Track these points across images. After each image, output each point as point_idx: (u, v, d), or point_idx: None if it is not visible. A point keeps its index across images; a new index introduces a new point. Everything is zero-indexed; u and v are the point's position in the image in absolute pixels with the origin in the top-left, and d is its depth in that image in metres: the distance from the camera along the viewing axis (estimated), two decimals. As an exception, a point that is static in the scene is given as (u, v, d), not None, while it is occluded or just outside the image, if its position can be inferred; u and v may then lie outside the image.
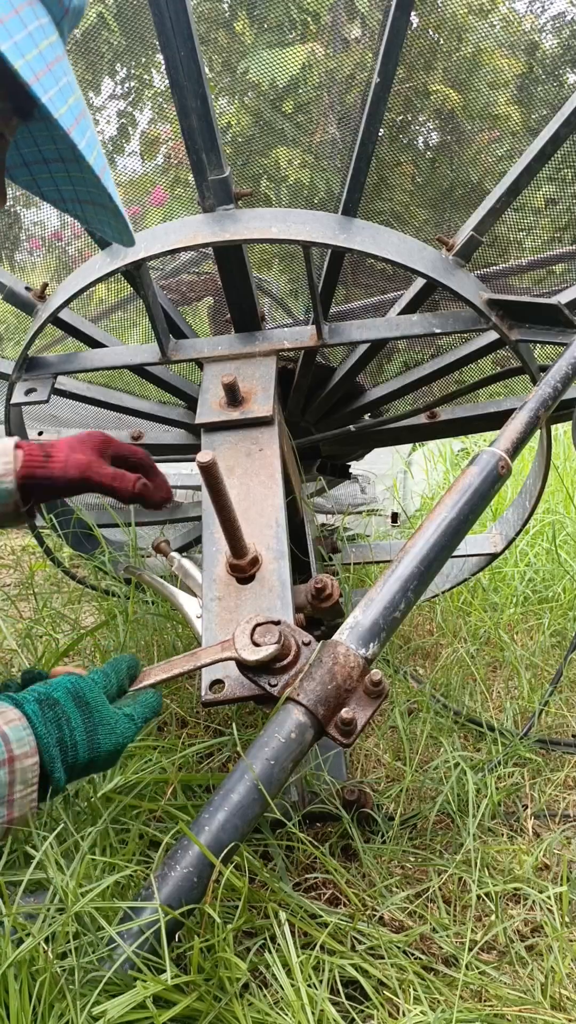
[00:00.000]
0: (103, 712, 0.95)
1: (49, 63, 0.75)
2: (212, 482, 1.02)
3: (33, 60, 0.72)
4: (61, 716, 0.91)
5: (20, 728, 0.88)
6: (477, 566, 2.05)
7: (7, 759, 0.86)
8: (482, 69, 1.58)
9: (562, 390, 1.23)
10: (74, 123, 0.77)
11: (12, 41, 0.69)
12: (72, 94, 0.78)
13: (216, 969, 0.86)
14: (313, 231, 1.36)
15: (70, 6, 0.80)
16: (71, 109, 0.77)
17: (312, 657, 1.00)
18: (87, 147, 0.80)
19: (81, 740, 0.92)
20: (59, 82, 0.75)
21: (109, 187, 0.85)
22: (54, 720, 0.91)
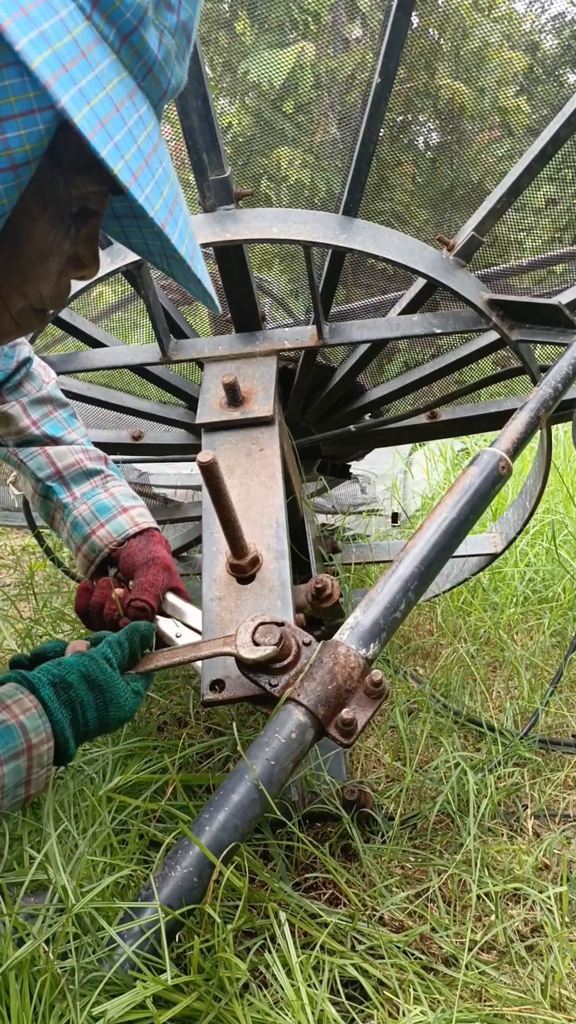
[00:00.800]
0: (113, 691, 1.02)
1: (147, 157, 0.73)
2: (212, 482, 1.02)
3: (132, 159, 0.70)
4: (75, 699, 0.99)
5: (36, 716, 0.95)
6: (477, 566, 2.05)
7: (26, 748, 0.93)
8: (483, 69, 1.58)
9: (563, 390, 1.23)
10: (168, 216, 0.77)
11: (112, 143, 0.68)
12: (167, 183, 0.77)
13: (216, 969, 0.86)
14: (314, 231, 1.36)
15: (168, 88, 0.78)
16: (165, 201, 0.76)
17: (312, 657, 1.00)
18: (179, 237, 0.80)
19: (92, 719, 1.00)
20: (155, 175, 0.75)
21: (198, 271, 0.86)
22: (68, 703, 0.98)
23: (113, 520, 1.28)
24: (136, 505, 1.31)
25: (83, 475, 1.31)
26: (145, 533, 1.28)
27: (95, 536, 1.27)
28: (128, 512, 1.29)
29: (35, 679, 0.98)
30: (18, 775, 0.93)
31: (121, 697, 1.02)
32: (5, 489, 2.53)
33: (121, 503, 1.30)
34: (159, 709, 1.62)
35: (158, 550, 1.25)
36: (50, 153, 0.75)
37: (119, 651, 1.06)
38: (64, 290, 0.90)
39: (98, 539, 1.27)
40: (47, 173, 0.77)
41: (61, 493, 1.30)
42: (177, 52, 0.77)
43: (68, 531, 1.30)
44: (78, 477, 1.31)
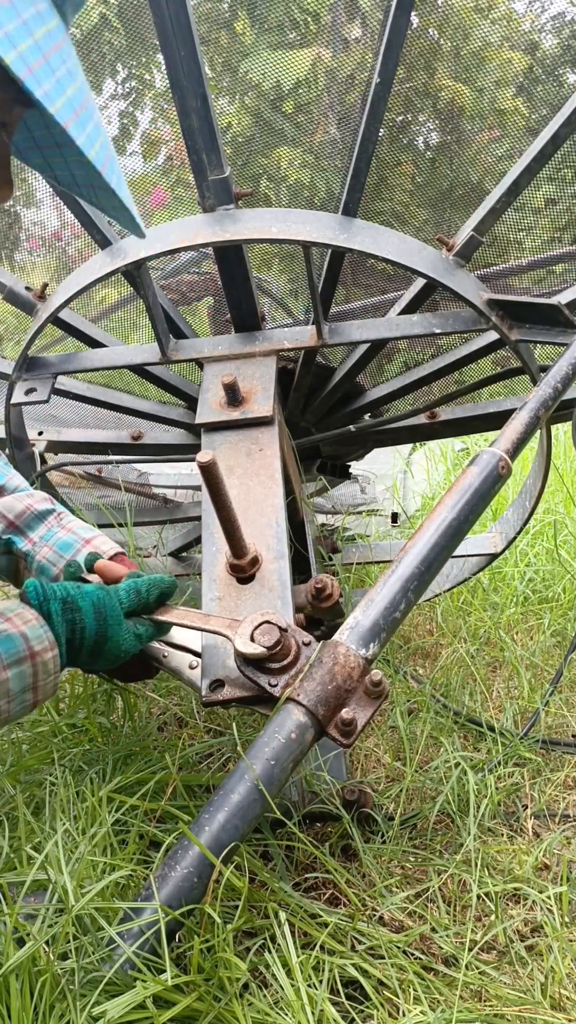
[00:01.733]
0: (115, 629, 1.08)
1: (45, 52, 0.71)
2: (212, 482, 1.02)
3: (27, 51, 0.68)
4: (77, 622, 1.05)
5: (37, 627, 1.01)
6: (477, 566, 2.05)
7: (29, 655, 0.99)
8: (482, 69, 1.58)
9: (562, 390, 1.23)
10: (72, 116, 0.74)
11: (3, 32, 0.65)
12: (72, 83, 0.74)
13: (216, 969, 0.86)
14: (313, 231, 1.36)
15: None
16: (69, 101, 0.73)
17: (312, 657, 1.00)
18: (87, 140, 0.76)
19: (88, 645, 1.06)
20: (56, 72, 0.72)
21: (112, 181, 0.83)
22: (70, 623, 1.05)
23: (78, 554, 1.27)
24: (95, 535, 1.31)
25: (36, 519, 1.30)
26: (114, 560, 1.28)
27: (63, 574, 1.25)
28: (91, 543, 1.29)
29: (49, 591, 1.05)
30: (23, 680, 0.98)
31: (120, 636, 1.08)
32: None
33: (82, 535, 1.29)
34: (159, 709, 1.62)
35: (122, 575, 1.25)
36: None
37: (135, 597, 1.11)
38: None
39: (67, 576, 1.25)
40: None
41: (19, 542, 1.29)
42: None
43: (35, 578, 1.28)
44: (32, 522, 1.30)
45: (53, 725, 1.40)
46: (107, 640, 1.07)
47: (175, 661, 1.18)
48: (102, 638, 1.07)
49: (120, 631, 1.08)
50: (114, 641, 1.08)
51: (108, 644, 1.07)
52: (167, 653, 1.19)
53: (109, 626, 1.07)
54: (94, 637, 1.06)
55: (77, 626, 1.05)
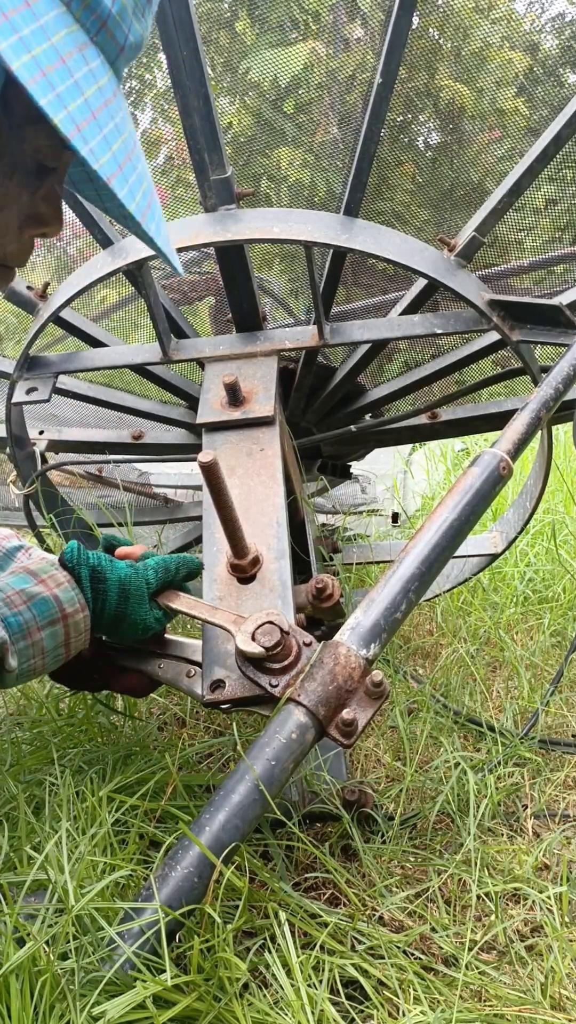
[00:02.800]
0: (135, 608, 1.12)
1: (95, 110, 0.73)
2: (213, 482, 1.02)
3: (76, 110, 0.70)
4: (100, 592, 1.10)
5: (69, 589, 1.07)
6: (478, 566, 2.05)
7: (62, 616, 1.05)
8: (483, 69, 1.58)
9: (563, 391, 1.23)
10: (117, 170, 0.76)
11: (55, 93, 0.68)
12: (118, 137, 0.76)
13: (216, 969, 0.86)
14: (315, 231, 1.36)
15: (126, 44, 0.78)
16: (114, 156, 0.76)
17: (313, 658, 1.00)
18: (129, 193, 0.78)
19: (108, 618, 1.11)
20: (103, 129, 0.74)
21: (151, 229, 0.84)
22: (95, 592, 1.10)
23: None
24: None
25: (5, 557, 1.25)
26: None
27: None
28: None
29: (83, 556, 1.10)
30: (56, 639, 1.05)
31: (140, 616, 1.12)
32: (5, 488, 2.53)
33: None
34: (159, 709, 1.62)
35: None
36: (1, 104, 0.76)
37: (164, 575, 1.15)
38: (27, 246, 0.91)
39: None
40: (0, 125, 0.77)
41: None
42: (135, 8, 0.77)
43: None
44: (2, 561, 1.26)
45: (53, 725, 1.40)
46: (126, 617, 1.12)
47: (171, 672, 1.18)
48: (122, 614, 1.11)
49: (140, 611, 1.12)
50: (132, 619, 1.12)
51: (127, 621, 1.12)
52: (162, 664, 1.19)
53: (130, 604, 1.11)
54: (114, 612, 1.11)
55: (100, 596, 1.10)
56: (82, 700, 1.44)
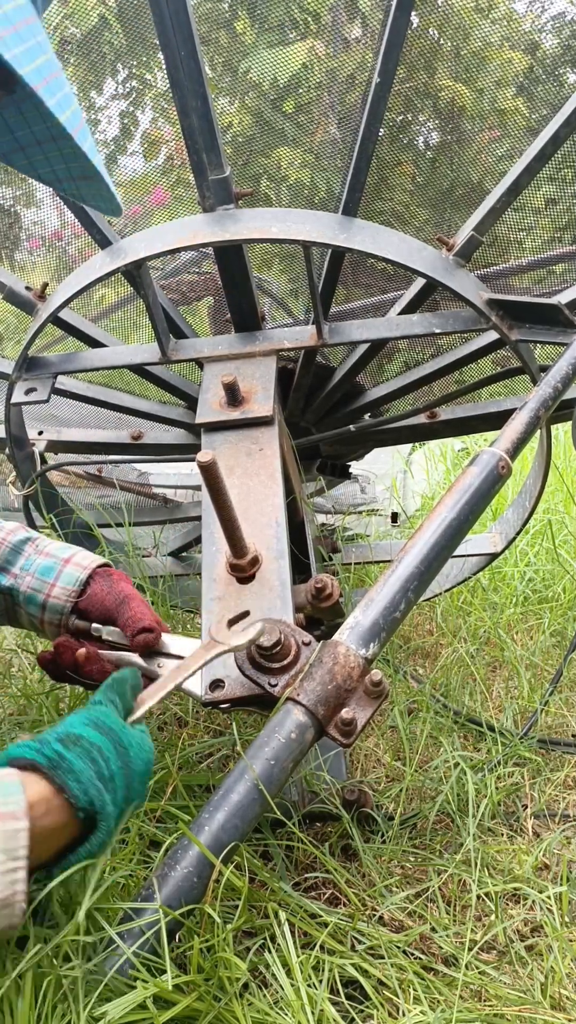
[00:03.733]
0: (127, 733, 0.89)
1: (15, 24, 0.74)
2: (212, 482, 1.02)
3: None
4: (90, 748, 0.84)
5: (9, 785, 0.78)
6: (477, 566, 2.04)
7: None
8: (483, 69, 1.58)
9: (562, 390, 1.23)
10: (42, 82, 0.77)
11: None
12: (41, 55, 0.78)
13: (216, 969, 0.86)
14: (313, 231, 1.36)
15: None
16: (38, 69, 0.77)
17: (312, 657, 1.00)
18: (58, 105, 0.79)
19: (116, 768, 0.85)
20: (25, 42, 0.75)
21: (84, 146, 0.85)
22: (87, 755, 0.83)
23: (61, 575, 1.22)
24: (75, 552, 1.26)
25: (14, 552, 1.25)
26: (102, 573, 1.24)
27: (51, 599, 1.21)
28: (70, 562, 1.24)
29: (37, 742, 0.84)
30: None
31: (137, 737, 0.90)
32: (5, 489, 2.53)
33: (60, 556, 1.25)
34: (159, 709, 1.62)
35: (124, 588, 1.22)
36: None
37: (114, 709, 0.93)
38: None
39: (56, 600, 1.21)
40: None
41: (2, 579, 1.23)
42: None
43: (25, 612, 1.23)
44: (10, 556, 1.25)
45: (52, 725, 1.40)
46: (129, 749, 0.88)
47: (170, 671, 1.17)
48: (123, 750, 0.87)
49: (133, 734, 0.90)
50: (136, 746, 0.89)
51: (132, 752, 0.88)
52: (161, 664, 1.18)
53: (120, 733, 0.89)
54: (116, 756, 0.86)
55: (94, 752, 0.85)
56: (82, 699, 1.44)
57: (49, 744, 0.83)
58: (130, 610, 1.18)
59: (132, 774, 0.86)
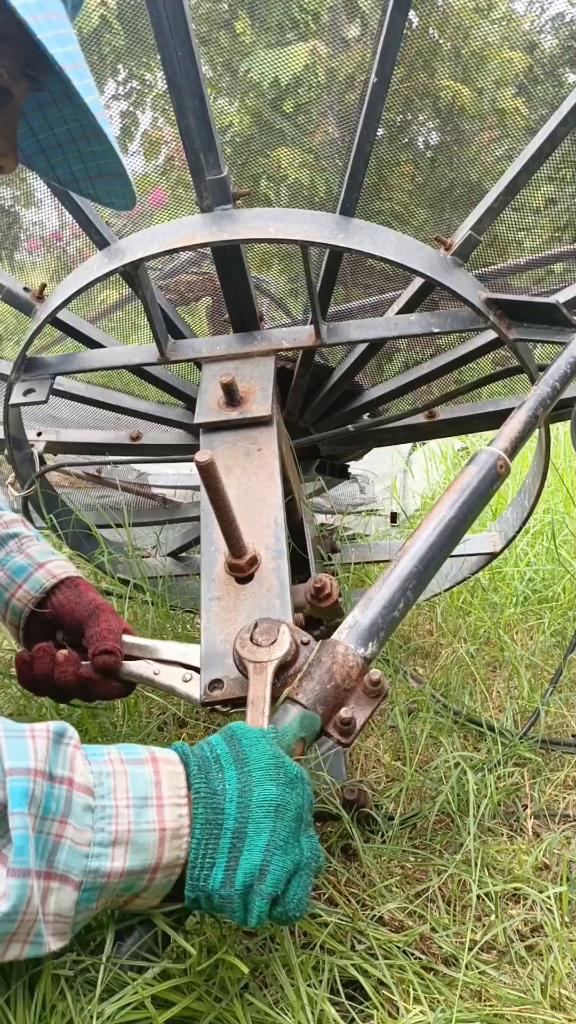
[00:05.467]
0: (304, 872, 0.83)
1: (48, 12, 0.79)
2: (210, 482, 1.02)
3: (31, 4, 0.77)
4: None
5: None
6: (476, 565, 2.04)
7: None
8: (482, 69, 1.58)
9: (561, 389, 1.23)
10: (71, 65, 0.81)
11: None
12: (70, 43, 0.82)
13: (216, 969, 0.86)
14: (311, 231, 1.36)
15: None
16: (67, 54, 0.81)
17: (311, 657, 1.00)
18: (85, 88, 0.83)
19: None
20: (56, 28, 0.80)
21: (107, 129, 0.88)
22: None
23: (30, 578, 1.23)
24: (53, 559, 1.27)
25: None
26: (68, 583, 1.24)
27: (14, 599, 1.22)
28: (44, 567, 1.24)
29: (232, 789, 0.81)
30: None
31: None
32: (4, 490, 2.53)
33: (37, 560, 1.25)
34: (159, 709, 1.62)
35: (96, 598, 1.22)
36: None
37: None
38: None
39: (17, 601, 1.22)
40: None
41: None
42: None
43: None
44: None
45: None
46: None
47: (167, 678, 1.17)
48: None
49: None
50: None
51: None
52: (158, 671, 1.18)
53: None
54: None
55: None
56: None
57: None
58: (99, 624, 1.17)
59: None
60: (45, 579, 1.23)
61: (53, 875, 0.74)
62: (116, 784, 0.79)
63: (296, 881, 0.79)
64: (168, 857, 0.78)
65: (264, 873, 0.77)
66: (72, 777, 0.77)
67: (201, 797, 0.80)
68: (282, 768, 0.82)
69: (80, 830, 0.75)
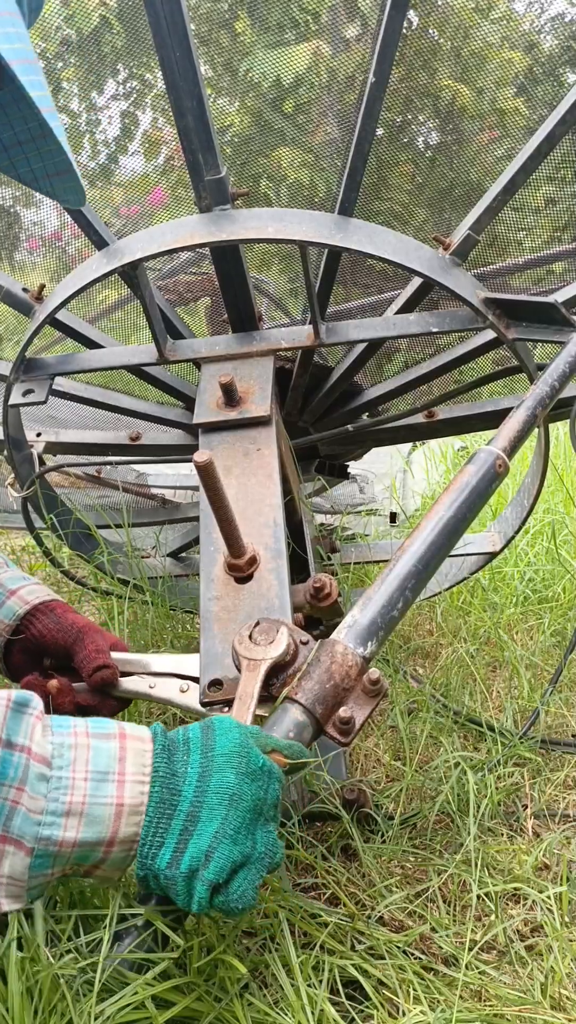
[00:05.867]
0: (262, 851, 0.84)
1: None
2: (209, 482, 1.02)
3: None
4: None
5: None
6: (476, 565, 2.04)
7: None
8: (482, 69, 1.58)
9: (559, 388, 1.23)
10: (16, 60, 0.80)
11: None
12: (20, 41, 0.82)
13: (216, 969, 0.86)
14: (309, 231, 1.36)
15: None
16: (15, 51, 0.80)
17: (310, 656, 0.99)
18: (30, 85, 0.82)
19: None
20: (4, 27, 0.79)
21: (62, 139, 0.88)
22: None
23: (2, 607, 1.21)
24: (25, 584, 1.25)
25: None
26: (43, 609, 1.22)
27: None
28: (16, 594, 1.23)
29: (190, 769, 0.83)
30: None
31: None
32: (4, 491, 2.53)
33: (8, 587, 1.23)
34: (159, 709, 1.62)
35: (76, 619, 1.21)
36: None
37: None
38: None
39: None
40: None
41: None
42: None
43: None
44: None
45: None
46: None
47: (163, 691, 1.17)
48: None
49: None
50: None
51: None
52: (153, 684, 1.17)
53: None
54: None
55: None
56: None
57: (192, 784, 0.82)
58: (86, 647, 1.17)
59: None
60: (18, 606, 1.22)
61: (8, 839, 0.77)
62: (76, 756, 0.81)
63: (243, 873, 0.80)
64: (124, 832, 0.80)
65: (209, 859, 0.78)
66: (30, 747, 0.79)
67: (160, 776, 0.82)
68: (246, 758, 0.83)
69: (34, 798, 0.77)
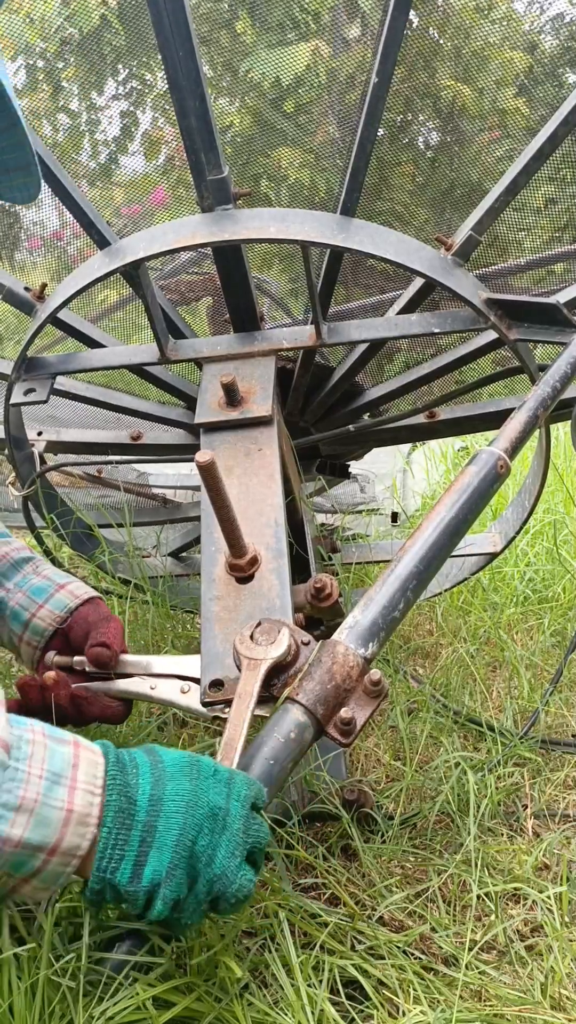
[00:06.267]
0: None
1: None
2: (211, 482, 1.02)
3: None
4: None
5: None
6: (477, 565, 2.04)
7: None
8: (483, 69, 1.58)
9: (561, 389, 1.23)
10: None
11: None
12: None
13: (216, 970, 0.86)
14: (311, 231, 1.36)
15: None
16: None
17: (311, 657, 1.00)
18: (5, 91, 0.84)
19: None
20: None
21: (28, 131, 0.88)
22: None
23: (52, 598, 1.25)
24: (71, 580, 1.29)
25: (13, 568, 1.28)
26: (90, 602, 1.26)
27: (36, 619, 1.24)
28: (65, 588, 1.27)
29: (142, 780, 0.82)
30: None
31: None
32: (4, 489, 2.53)
33: (56, 581, 1.27)
34: (159, 709, 1.62)
35: (108, 612, 1.25)
36: None
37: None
38: None
39: (40, 620, 1.24)
40: None
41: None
42: None
43: (8, 626, 1.26)
44: (8, 571, 1.28)
45: (53, 725, 1.39)
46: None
47: (165, 692, 1.17)
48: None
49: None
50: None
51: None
52: (154, 685, 1.18)
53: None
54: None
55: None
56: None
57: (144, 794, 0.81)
58: (103, 628, 1.21)
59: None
60: (68, 599, 1.26)
61: None
62: (34, 752, 0.79)
63: (197, 889, 0.79)
64: (69, 842, 0.77)
65: (171, 876, 0.77)
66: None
67: (116, 784, 0.80)
68: (196, 766, 0.83)
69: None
